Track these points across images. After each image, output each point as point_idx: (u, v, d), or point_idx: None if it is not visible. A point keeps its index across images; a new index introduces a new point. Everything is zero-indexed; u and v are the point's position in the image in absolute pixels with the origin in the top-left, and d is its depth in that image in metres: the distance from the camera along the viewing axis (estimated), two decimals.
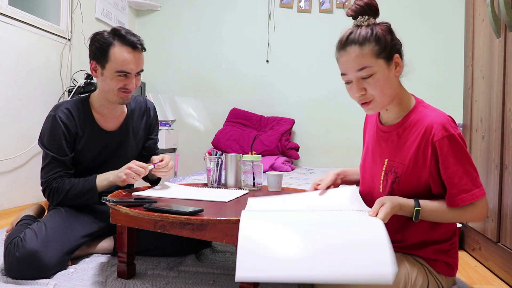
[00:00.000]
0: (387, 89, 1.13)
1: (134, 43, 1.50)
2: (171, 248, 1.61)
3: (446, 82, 3.65)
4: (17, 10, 2.59)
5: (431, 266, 1.18)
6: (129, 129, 1.71)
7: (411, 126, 1.16)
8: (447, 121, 1.11)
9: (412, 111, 1.18)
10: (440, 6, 3.68)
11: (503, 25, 1.48)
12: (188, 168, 4.02)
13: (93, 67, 1.56)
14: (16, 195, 2.59)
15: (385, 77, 1.12)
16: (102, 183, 1.53)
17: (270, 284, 1.36)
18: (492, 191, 1.58)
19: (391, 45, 1.14)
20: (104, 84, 1.55)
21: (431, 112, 1.14)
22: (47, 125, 1.57)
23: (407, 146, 1.16)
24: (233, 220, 1.09)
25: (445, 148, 1.08)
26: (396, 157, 1.18)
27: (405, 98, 1.20)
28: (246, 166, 1.65)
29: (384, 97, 1.14)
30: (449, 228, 1.20)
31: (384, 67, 1.12)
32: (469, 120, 1.88)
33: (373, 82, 1.12)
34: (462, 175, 1.08)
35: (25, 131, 2.66)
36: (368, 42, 1.11)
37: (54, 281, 1.34)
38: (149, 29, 4.21)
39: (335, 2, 3.87)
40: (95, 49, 1.52)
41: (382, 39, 1.12)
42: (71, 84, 3.11)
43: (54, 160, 1.54)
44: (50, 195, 1.55)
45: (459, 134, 1.11)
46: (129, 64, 1.50)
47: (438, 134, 1.09)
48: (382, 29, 1.13)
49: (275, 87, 4.00)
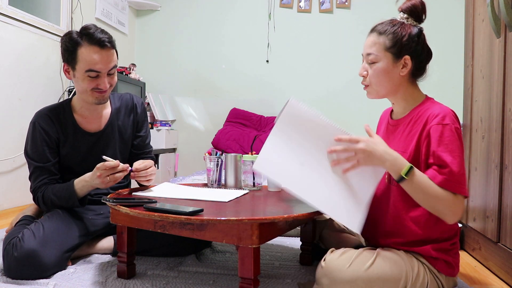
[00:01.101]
0: (384, 81, 1.24)
1: (101, 41, 1.44)
2: (171, 248, 1.60)
3: (446, 82, 3.65)
4: (17, 10, 2.59)
5: (431, 264, 1.19)
6: (115, 129, 1.67)
7: (416, 118, 1.22)
8: (449, 113, 1.15)
9: (420, 105, 1.25)
10: (440, 6, 3.68)
11: (503, 25, 1.48)
12: (188, 168, 4.02)
13: (65, 69, 1.53)
14: (16, 195, 2.59)
15: (386, 69, 1.23)
16: (81, 190, 1.49)
17: (270, 284, 1.36)
18: (492, 191, 1.58)
19: (406, 46, 1.21)
20: (77, 86, 1.53)
21: (437, 105, 1.20)
22: (29, 133, 1.57)
23: (411, 135, 1.21)
24: (233, 220, 1.09)
25: (437, 133, 1.13)
26: (401, 147, 1.23)
27: (413, 95, 1.27)
28: (246, 166, 1.65)
29: (381, 87, 1.25)
30: (450, 227, 1.20)
31: (389, 61, 1.22)
32: (469, 120, 1.88)
33: (374, 69, 1.24)
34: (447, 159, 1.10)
35: (25, 131, 2.62)
36: (384, 35, 1.22)
37: (54, 281, 1.34)
38: (149, 29, 4.21)
39: (335, 2, 3.87)
40: (63, 51, 1.49)
41: (399, 37, 1.21)
42: (71, 84, 3.11)
43: (37, 169, 1.54)
44: (39, 204, 1.56)
45: (457, 128, 1.14)
46: (98, 64, 1.45)
47: (434, 121, 1.14)
48: (407, 30, 1.22)
49: (275, 87, 4.00)
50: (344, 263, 1.14)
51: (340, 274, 1.13)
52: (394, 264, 1.16)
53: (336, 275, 1.13)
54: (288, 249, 1.78)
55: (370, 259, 1.15)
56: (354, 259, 1.15)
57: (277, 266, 1.55)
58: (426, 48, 1.26)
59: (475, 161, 1.79)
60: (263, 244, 1.47)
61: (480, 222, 1.70)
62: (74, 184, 1.50)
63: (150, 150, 1.82)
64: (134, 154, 1.76)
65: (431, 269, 1.19)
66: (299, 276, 1.44)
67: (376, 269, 1.13)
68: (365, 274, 1.13)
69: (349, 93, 3.78)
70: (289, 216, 1.13)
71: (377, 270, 1.13)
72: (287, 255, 1.69)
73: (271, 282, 1.38)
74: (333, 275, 1.14)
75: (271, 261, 1.61)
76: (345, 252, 1.19)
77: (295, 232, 1.94)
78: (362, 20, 3.80)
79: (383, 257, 1.17)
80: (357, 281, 1.12)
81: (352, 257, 1.16)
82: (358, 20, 3.81)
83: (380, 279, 1.13)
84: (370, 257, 1.16)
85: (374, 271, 1.13)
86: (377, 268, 1.14)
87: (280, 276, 1.43)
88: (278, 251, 1.74)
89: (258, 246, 1.12)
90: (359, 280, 1.12)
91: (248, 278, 1.12)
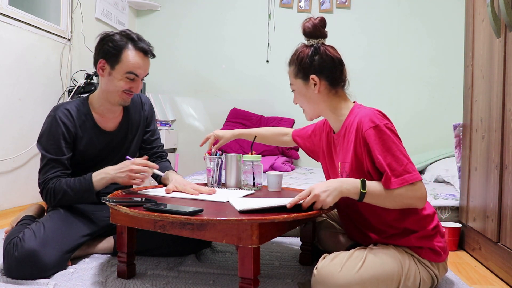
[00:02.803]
0: (307, 103, 1.36)
1: (147, 50, 1.57)
2: (171, 248, 1.61)
3: (446, 82, 3.65)
4: (17, 10, 2.59)
5: (418, 254, 1.23)
6: (128, 127, 1.72)
7: (349, 127, 1.28)
8: (374, 114, 1.21)
9: (349, 115, 1.31)
10: (440, 6, 3.68)
11: (503, 25, 1.48)
12: (188, 168, 4.01)
13: (101, 66, 1.56)
14: (16, 195, 2.59)
15: (303, 93, 1.35)
16: (99, 182, 1.50)
17: (270, 284, 1.36)
18: (492, 191, 1.58)
19: (307, 68, 1.30)
20: (109, 84, 1.56)
21: (362, 110, 1.26)
22: (46, 125, 1.57)
23: (349, 145, 1.27)
24: (233, 220, 1.09)
25: (372, 137, 1.19)
26: (344, 157, 1.29)
27: (339, 107, 1.34)
28: (246, 166, 1.65)
29: (308, 109, 1.38)
30: (423, 214, 1.25)
31: (301, 85, 1.34)
32: (469, 120, 1.88)
33: (295, 96, 1.39)
34: (391, 161, 1.17)
35: (25, 131, 2.66)
36: (292, 64, 1.36)
37: (54, 281, 1.34)
38: (149, 29, 4.21)
39: (335, 2, 3.87)
40: (107, 49, 1.53)
41: (299, 62, 1.33)
42: (71, 84, 3.11)
43: (51, 161, 1.53)
44: (48, 196, 1.53)
45: (386, 124, 1.20)
46: (139, 69, 1.56)
47: (365, 126, 1.20)
48: (303, 53, 1.32)
49: (275, 87, 4.00)
50: (335, 268, 1.15)
51: (333, 280, 1.14)
52: (385, 261, 1.17)
53: (329, 281, 1.14)
54: (288, 249, 1.78)
55: (360, 261, 1.16)
56: (345, 262, 1.16)
57: (277, 266, 1.55)
58: (329, 59, 1.31)
59: (475, 161, 1.79)
60: (263, 244, 1.47)
61: (480, 222, 1.70)
62: (92, 176, 1.50)
63: (160, 145, 1.86)
64: (143, 149, 1.80)
65: (420, 260, 1.22)
66: (299, 276, 1.44)
67: (367, 269, 1.15)
68: (357, 275, 1.13)
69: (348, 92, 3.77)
70: (289, 216, 1.13)
71: (368, 270, 1.15)
72: (287, 255, 1.69)
73: (271, 282, 1.38)
74: (326, 282, 1.15)
75: (271, 261, 1.61)
76: (336, 257, 1.19)
77: (295, 232, 1.94)
78: (362, 20, 3.81)
79: (373, 255, 1.18)
80: (350, 284, 1.13)
81: (343, 260, 1.16)
82: (358, 20, 3.81)
83: (373, 278, 1.14)
84: (361, 258, 1.17)
85: (366, 271, 1.14)
86: (368, 268, 1.15)
87: (280, 276, 1.43)
88: (278, 251, 1.74)
89: (258, 246, 1.12)
90: (352, 282, 1.13)
91: (248, 278, 1.12)
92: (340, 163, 1.32)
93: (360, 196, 1.17)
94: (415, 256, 1.23)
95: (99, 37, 1.58)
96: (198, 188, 1.49)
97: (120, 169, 1.48)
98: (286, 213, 1.15)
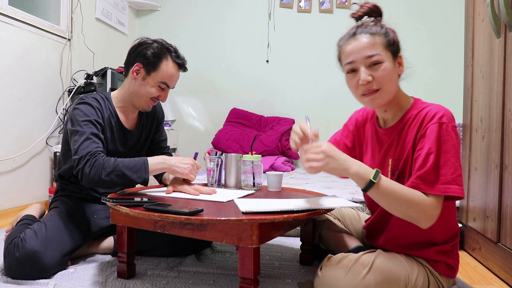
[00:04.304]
0: (392, 81, 1.15)
1: (183, 65, 1.65)
2: (171, 248, 1.61)
3: (446, 82, 3.65)
4: (17, 10, 2.59)
5: (433, 267, 1.18)
6: (143, 128, 1.76)
7: (410, 121, 1.16)
8: (446, 113, 1.11)
9: (411, 109, 1.19)
10: (440, 6, 3.68)
11: (503, 25, 1.48)
12: None
13: (136, 69, 1.58)
14: (16, 195, 2.59)
15: (391, 69, 1.14)
16: (155, 166, 1.46)
17: (270, 284, 1.36)
18: (492, 191, 1.58)
19: (398, 44, 1.18)
20: (140, 88, 1.59)
21: (432, 104, 1.15)
22: (80, 109, 1.50)
23: (408, 140, 1.16)
24: (233, 220, 1.09)
25: (434, 133, 1.07)
26: (398, 154, 1.19)
27: (403, 98, 1.22)
28: (246, 166, 1.65)
29: (390, 88, 1.15)
30: (451, 229, 1.20)
31: (391, 60, 1.15)
32: (469, 120, 1.88)
33: (381, 70, 1.12)
34: (443, 164, 1.04)
35: (25, 131, 2.65)
36: (378, 34, 1.14)
37: (54, 281, 1.34)
38: (149, 29, 4.21)
39: (335, 2, 3.87)
40: (146, 54, 1.56)
41: (391, 35, 1.16)
42: (71, 84, 3.10)
43: (93, 136, 1.45)
44: (93, 169, 1.38)
45: (454, 126, 1.09)
46: (173, 80, 1.62)
47: (432, 120, 1.09)
48: (390, 28, 1.18)
49: (275, 87, 4.00)
50: (340, 272, 1.13)
51: (338, 284, 1.12)
52: (392, 268, 1.13)
53: (333, 285, 1.12)
54: (288, 249, 1.78)
55: (366, 267, 1.12)
56: (351, 266, 1.13)
57: (277, 266, 1.55)
58: None
59: (475, 161, 1.79)
60: (263, 244, 1.47)
61: (480, 222, 1.70)
62: (148, 159, 1.47)
63: (166, 146, 1.86)
64: (149, 149, 1.81)
65: (432, 272, 1.18)
66: (299, 276, 1.44)
67: (373, 276, 1.11)
68: (362, 283, 1.10)
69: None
70: (289, 216, 1.13)
71: (374, 277, 1.11)
72: (287, 255, 1.69)
73: (271, 282, 1.38)
74: (329, 285, 1.13)
75: (271, 261, 1.61)
76: (342, 260, 1.17)
77: (295, 232, 1.94)
78: None
79: (381, 262, 1.14)
80: None
81: (349, 264, 1.14)
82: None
83: (379, 286, 1.11)
84: (367, 264, 1.13)
85: (372, 278, 1.11)
86: (374, 275, 1.11)
87: (280, 276, 1.43)
88: (278, 251, 1.74)
89: (258, 246, 1.12)
90: None
91: (248, 278, 1.12)
92: (391, 160, 1.19)
93: (367, 186, 1.04)
94: (427, 267, 1.17)
95: (138, 41, 1.63)
96: (198, 188, 1.50)
97: (183, 161, 1.51)
98: (286, 213, 1.15)
